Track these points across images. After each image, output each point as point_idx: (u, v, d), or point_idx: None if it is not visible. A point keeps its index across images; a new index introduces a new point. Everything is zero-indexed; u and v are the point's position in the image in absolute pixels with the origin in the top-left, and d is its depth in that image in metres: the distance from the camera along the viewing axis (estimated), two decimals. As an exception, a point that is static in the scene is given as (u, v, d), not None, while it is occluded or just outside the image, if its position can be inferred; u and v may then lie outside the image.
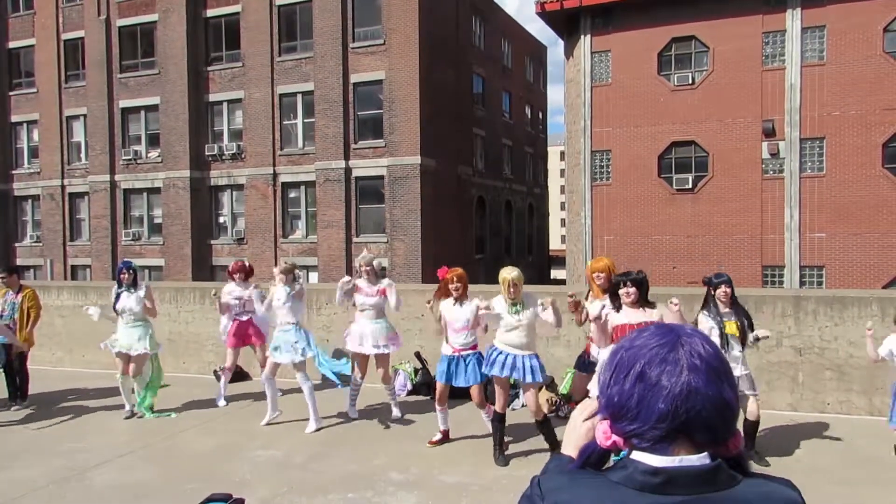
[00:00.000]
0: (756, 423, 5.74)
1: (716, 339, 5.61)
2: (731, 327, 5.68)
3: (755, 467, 5.38)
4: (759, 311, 7.18)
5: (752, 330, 5.80)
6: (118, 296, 7.44)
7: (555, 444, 5.82)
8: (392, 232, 24.47)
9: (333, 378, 6.97)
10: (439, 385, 6.37)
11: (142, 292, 7.45)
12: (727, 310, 5.75)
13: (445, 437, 6.51)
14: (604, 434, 1.16)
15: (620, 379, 1.14)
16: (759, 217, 19.99)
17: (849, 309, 7.18)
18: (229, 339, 8.12)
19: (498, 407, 5.91)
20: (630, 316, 5.42)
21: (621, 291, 5.48)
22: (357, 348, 7.10)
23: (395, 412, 7.28)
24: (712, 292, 5.79)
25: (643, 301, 5.46)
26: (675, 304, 5.41)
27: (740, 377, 5.66)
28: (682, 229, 20.75)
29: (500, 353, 5.77)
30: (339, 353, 8.22)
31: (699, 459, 1.08)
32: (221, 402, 7.98)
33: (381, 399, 7.81)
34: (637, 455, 1.11)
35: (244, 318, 8.08)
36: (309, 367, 7.03)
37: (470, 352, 6.19)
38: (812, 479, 5.34)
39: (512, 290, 5.68)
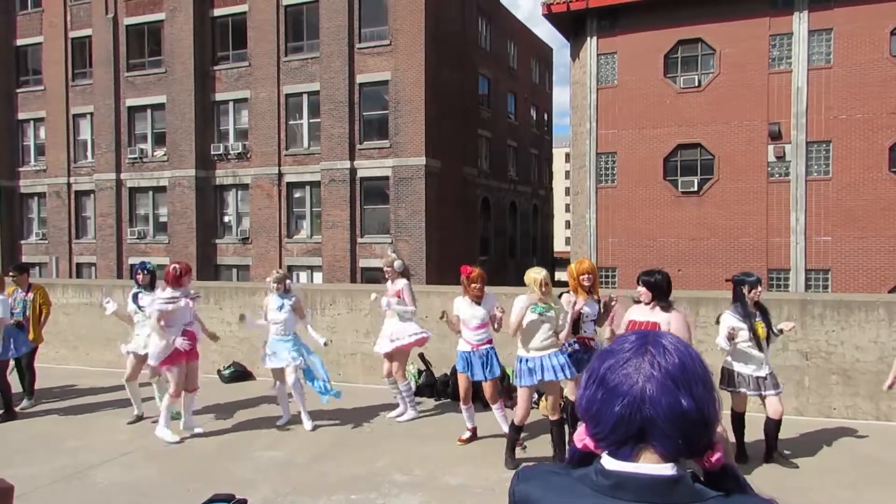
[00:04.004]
0: (777, 422, 5.67)
1: (744, 339, 5.61)
2: (758, 328, 5.64)
3: (780, 472, 5.34)
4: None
5: (773, 331, 5.79)
6: (136, 296, 7.38)
7: (561, 450, 5.75)
8: (396, 233, 24.47)
9: (318, 389, 6.94)
10: (463, 380, 6.43)
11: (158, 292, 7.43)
12: (752, 310, 5.69)
13: (474, 435, 6.51)
14: (577, 436, 1.18)
15: (590, 383, 1.15)
16: (765, 220, 19.92)
17: (855, 313, 7.14)
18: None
19: (518, 419, 5.78)
20: (640, 314, 5.48)
21: (637, 290, 5.54)
22: (378, 348, 7.30)
23: (398, 412, 7.28)
24: (746, 292, 5.68)
25: (658, 303, 5.40)
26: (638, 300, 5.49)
27: (767, 377, 5.63)
28: (687, 232, 20.69)
29: (524, 360, 5.65)
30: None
31: (658, 469, 1.07)
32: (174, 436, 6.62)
33: (384, 400, 7.79)
34: (602, 457, 1.13)
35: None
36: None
37: (486, 346, 6.34)
38: (819, 483, 5.32)
39: (545, 288, 5.63)
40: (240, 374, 9.35)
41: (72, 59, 29.94)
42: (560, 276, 42.97)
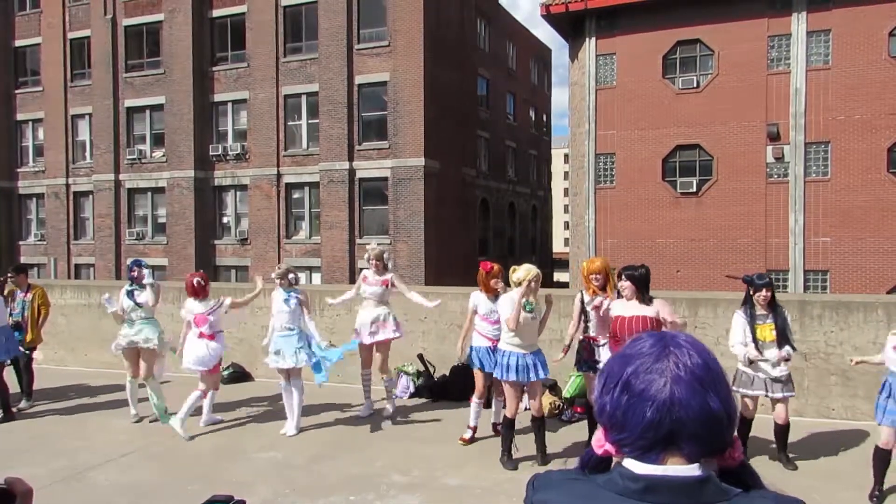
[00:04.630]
0: (784, 426, 5.69)
1: (747, 339, 5.61)
2: (765, 330, 5.59)
3: (779, 473, 5.36)
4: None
5: (788, 340, 5.65)
6: (130, 293, 7.34)
7: (543, 447, 5.90)
8: (395, 233, 24.47)
9: (322, 363, 6.83)
10: (482, 376, 6.46)
11: (153, 286, 7.44)
12: (763, 312, 5.64)
13: (474, 434, 6.56)
14: (597, 442, 1.17)
15: (610, 388, 1.14)
16: (764, 221, 19.93)
17: (854, 314, 7.14)
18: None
19: (509, 412, 5.88)
20: (626, 308, 5.55)
21: (619, 284, 5.64)
22: (357, 337, 7.28)
23: (388, 408, 7.33)
24: (752, 293, 5.68)
25: (640, 295, 5.53)
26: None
27: (777, 378, 5.60)
28: (685, 233, 20.69)
29: (511, 355, 5.77)
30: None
31: (686, 470, 1.07)
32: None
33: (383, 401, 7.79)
34: (625, 461, 1.11)
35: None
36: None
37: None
38: (819, 484, 5.32)
39: (534, 284, 5.74)
40: (238, 374, 9.35)
41: (70, 59, 29.92)
42: (559, 276, 42.90)
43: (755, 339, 5.59)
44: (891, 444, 5.00)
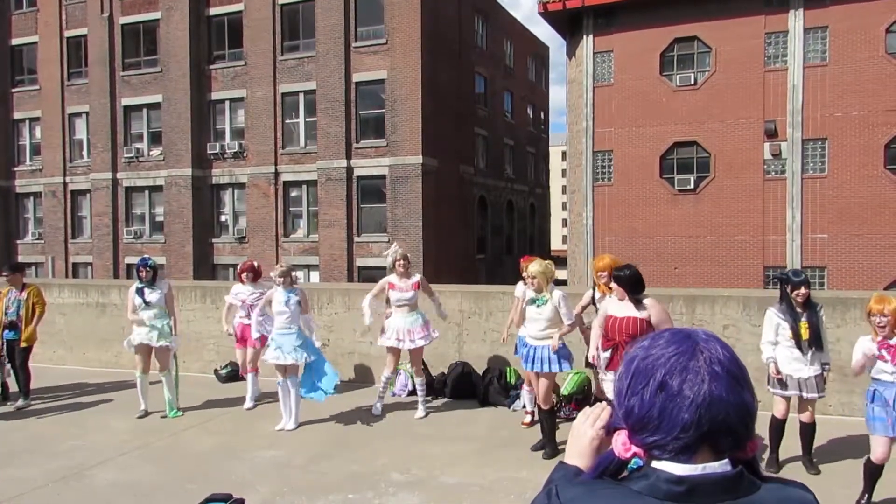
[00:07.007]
0: (811, 425, 5.60)
1: (786, 337, 5.51)
2: (800, 328, 5.50)
3: (783, 471, 5.34)
4: (762, 312, 7.14)
5: (821, 341, 5.55)
6: (140, 290, 7.41)
7: (550, 436, 6.03)
8: (393, 231, 24.46)
9: (311, 394, 6.93)
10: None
11: (165, 288, 7.51)
12: (800, 310, 5.54)
13: (533, 417, 6.81)
14: (623, 445, 1.14)
15: (639, 389, 1.11)
16: (761, 218, 19.96)
17: (851, 310, 7.15)
18: (238, 342, 8.27)
19: (539, 401, 6.10)
20: (619, 309, 5.40)
21: (612, 285, 5.67)
22: (393, 343, 7.18)
23: (420, 412, 7.33)
24: (788, 290, 5.56)
25: (630, 297, 5.35)
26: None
27: (808, 378, 5.49)
28: (683, 230, 20.71)
29: (525, 346, 6.05)
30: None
31: (721, 466, 1.07)
32: (248, 404, 7.90)
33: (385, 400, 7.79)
34: (658, 464, 1.09)
35: (247, 321, 7.97)
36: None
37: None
38: (816, 481, 5.32)
39: (531, 281, 5.97)
40: (237, 373, 9.34)
41: (67, 58, 29.85)
42: (557, 274, 43.30)
43: (798, 337, 5.46)
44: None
